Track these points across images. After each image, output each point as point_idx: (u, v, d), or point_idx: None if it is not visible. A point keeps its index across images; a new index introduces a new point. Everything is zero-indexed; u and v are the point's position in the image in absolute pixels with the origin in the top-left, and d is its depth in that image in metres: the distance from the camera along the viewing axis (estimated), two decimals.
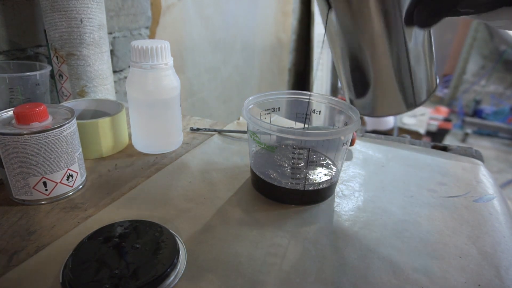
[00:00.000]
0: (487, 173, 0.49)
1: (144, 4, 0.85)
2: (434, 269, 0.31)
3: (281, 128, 0.35)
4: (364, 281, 0.30)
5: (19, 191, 0.37)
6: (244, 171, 0.46)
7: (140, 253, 0.30)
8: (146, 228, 0.33)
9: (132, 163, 0.48)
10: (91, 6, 0.53)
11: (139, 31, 0.86)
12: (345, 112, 0.41)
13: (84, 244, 0.31)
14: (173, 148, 0.52)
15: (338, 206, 0.40)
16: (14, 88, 0.51)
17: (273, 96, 0.44)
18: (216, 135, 0.57)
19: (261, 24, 1.49)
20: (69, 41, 0.53)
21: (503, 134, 2.97)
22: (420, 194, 0.43)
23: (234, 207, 0.39)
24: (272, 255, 0.32)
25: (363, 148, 0.55)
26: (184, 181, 0.44)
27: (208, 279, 0.29)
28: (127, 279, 0.27)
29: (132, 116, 0.49)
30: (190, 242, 0.33)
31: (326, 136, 0.35)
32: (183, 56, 1.05)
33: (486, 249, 0.34)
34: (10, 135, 0.34)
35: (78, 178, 0.40)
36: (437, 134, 2.57)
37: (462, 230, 0.37)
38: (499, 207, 0.41)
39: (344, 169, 0.48)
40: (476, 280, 0.30)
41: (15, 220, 0.36)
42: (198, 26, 1.09)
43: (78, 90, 0.57)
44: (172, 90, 0.47)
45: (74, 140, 0.39)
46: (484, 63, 3.32)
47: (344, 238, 0.35)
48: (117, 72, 0.83)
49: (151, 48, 0.44)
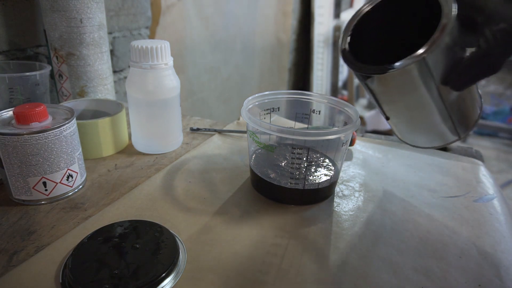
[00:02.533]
0: (487, 173, 0.49)
1: (144, 4, 0.85)
2: (434, 269, 0.31)
3: (280, 128, 0.35)
4: (364, 281, 0.30)
5: (19, 191, 0.37)
6: (244, 171, 0.46)
7: (140, 253, 0.30)
8: (146, 228, 0.33)
9: (132, 163, 0.48)
10: (91, 6, 0.53)
11: (139, 31, 0.86)
12: (345, 112, 0.41)
13: (84, 244, 0.31)
14: (173, 148, 0.52)
15: (338, 206, 0.40)
16: (14, 88, 0.51)
17: (273, 96, 0.44)
18: (216, 135, 0.57)
19: (261, 24, 1.49)
20: (69, 41, 0.53)
21: (503, 134, 2.97)
22: (420, 194, 0.43)
23: (234, 207, 0.39)
24: (272, 255, 0.32)
25: (363, 148, 0.55)
26: (184, 181, 0.44)
27: (208, 279, 0.29)
28: (127, 279, 0.27)
29: (132, 116, 0.49)
30: (190, 242, 0.33)
31: (326, 136, 0.35)
32: (183, 56, 1.05)
33: (486, 249, 0.34)
34: (10, 135, 0.34)
35: (78, 178, 0.40)
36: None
37: (462, 230, 0.37)
38: (499, 207, 0.41)
39: (344, 169, 0.48)
40: (476, 280, 0.30)
41: (15, 220, 0.36)
42: (198, 26, 1.09)
43: (78, 90, 0.57)
44: (172, 90, 0.47)
45: (74, 140, 0.39)
46: None
47: (344, 238, 0.35)
48: (117, 72, 0.83)
49: (151, 48, 0.44)
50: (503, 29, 0.27)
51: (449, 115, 0.35)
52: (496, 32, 0.28)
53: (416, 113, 0.35)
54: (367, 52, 0.34)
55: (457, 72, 0.30)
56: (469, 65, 0.30)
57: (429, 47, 0.28)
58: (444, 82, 0.31)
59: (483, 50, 0.29)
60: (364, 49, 0.34)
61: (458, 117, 0.36)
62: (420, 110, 0.35)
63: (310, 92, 0.44)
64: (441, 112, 0.34)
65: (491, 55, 0.29)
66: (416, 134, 0.40)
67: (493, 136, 3.00)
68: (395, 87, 0.32)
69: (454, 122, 0.36)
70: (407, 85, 0.31)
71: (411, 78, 0.30)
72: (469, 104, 0.36)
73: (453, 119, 0.36)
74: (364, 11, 0.34)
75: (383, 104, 0.35)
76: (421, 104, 0.33)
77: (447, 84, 0.31)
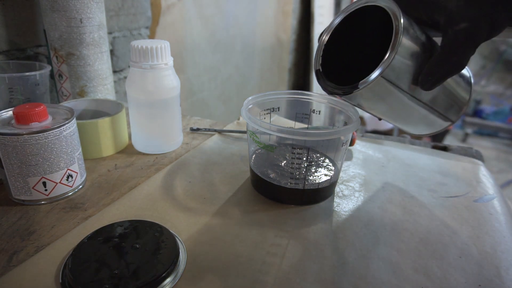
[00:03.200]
0: (487, 173, 0.49)
1: (144, 4, 0.85)
2: (434, 269, 0.31)
3: (280, 128, 0.35)
4: (364, 281, 0.30)
5: (18, 191, 0.37)
6: (244, 171, 0.46)
7: (140, 253, 0.30)
8: (146, 228, 0.33)
9: (132, 163, 0.48)
10: (91, 6, 0.53)
11: (139, 31, 0.86)
12: (344, 112, 0.41)
13: (84, 244, 0.31)
14: (173, 148, 0.52)
15: (338, 206, 0.40)
16: (13, 88, 0.51)
17: (273, 96, 0.44)
18: (216, 135, 0.57)
19: (261, 24, 1.49)
20: (68, 41, 0.53)
21: (503, 134, 2.97)
22: (420, 194, 0.43)
23: (234, 207, 0.39)
24: (272, 255, 0.32)
25: (363, 148, 0.55)
26: (184, 181, 0.44)
27: (208, 279, 0.29)
28: (127, 279, 0.27)
29: (132, 116, 0.49)
30: (190, 242, 0.33)
31: (326, 136, 0.35)
32: (183, 56, 1.05)
33: (486, 249, 0.34)
34: (10, 135, 0.34)
35: (78, 178, 0.40)
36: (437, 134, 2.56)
37: (462, 230, 0.37)
38: (499, 207, 0.41)
39: (344, 169, 0.48)
40: (476, 280, 0.30)
41: (15, 220, 0.36)
42: (198, 26, 1.09)
43: (77, 90, 0.57)
44: (172, 90, 0.47)
45: (74, 140, 0.39)
46: (484, 63, 3.32)
47: (344, 238, 0.35)
48: (117, 72, 0.83)
49: (151, 48, 0.44)
50: (464, 28, 0.28)
51: (431, 108, 0.36)
52: (458, 32, 0.29)
53: (401, 112, 0.37)
54: (340, 65, 0.36)
55: (424, 74, 0.31)
56: (435, 65, 0.30)
57: (388, 57, 0.29)
58: (414, 84, 0.32)
59: (447, 50, 0.29)
60: (338, 63, 0.36)
61: (443, 107, 0.37)
62: (403, 110, 0.36)
63: (310, 92, 0.44)
64: (423, 107, 0.36)
65: (454, 54, 0.29)
66: (410, 126, 0.41)
67: (493, 136, 3.00)
68: (371, 97, 0.33)
69: (440, 112, 0.37)
70: (381, 93, 0.32)
71: (381, 87, 0.31)
72: (452, 91, 0.37)
73: (438, 110, 0.37)
74: (333, 27, 0.36)
75: (368, 110, 0.37)
76: (401, 105, 0.35)
77: (417, 85, 0.32)
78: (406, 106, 0.35)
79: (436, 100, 0.36)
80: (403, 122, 0.40)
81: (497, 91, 3.30)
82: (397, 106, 0.35)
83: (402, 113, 0.37)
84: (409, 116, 0.37)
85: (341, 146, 0.39)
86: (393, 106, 0.35)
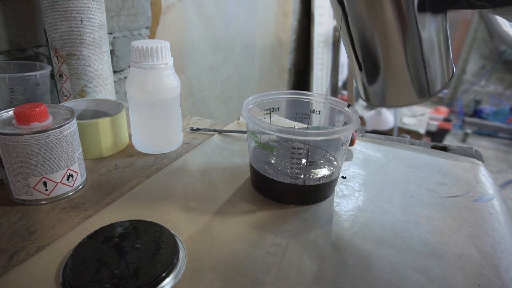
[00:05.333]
0: (487, 173, 0.49)
1: (144, 4, 0.85)
2: (434, 269, 0.31)
3: (280, 128, 0.35)
4: (364, 281, 0.30)
5: (19, 191, 0.37)
6: (244, 171, 0.46)
7: (140, 253, 0.30)
8: (146, 228, 0.33)
9: (132, 163, 0.48)
10: (91, 6, 0.53)
11: (139, 31, 0.86)
12: (345, 112, 0.41)
13: (84, 244, 0.31)
14: (173, 148, 0.52)
15: (338, 206, 0.40)
16: (14, 88, 0.51)
17: (273, 96, 0.44)
18: (216, 135, 0.57)
19: (261, 24, 1.49)
20: (69, 41, 0.53)
21: (503, 134, 2.97)
22: (420, 194, 0.43)
23: (234, 207, 0.39)
24: (271, 255, 0.32)
25: (363, 148, 0.55)
26: (184, 181, 0.44)
27: (208, 279, 0.29)
28: (127, 279, 0.27)
29: (132, 116, 0.49)
30: (190, 242, 0.33)
31: (326, 136, 0.35)
32: (183, 56, 1.05)
33: (486, 249, 0.34)
34: (11, 135, 0.34)
35: (78, 178, 0.40)
36: (437, 134, 2.57)
37: (462, 230, 0.37)
38: (499, 207, 0.41)
39: (344, 169, 0.48)
40: (476, 280, 0.30)
41: (15, 220, 0.36)
42: (198, 26, 1.09)
43: (78, 90, 0.57)
44: (172, 90, 0.47)
45: (74, 140, 0.39)
46: (484, 63, 3.32)
47: (344, 238, 0.35)
48: (117, 72, 0.83)
49: (151, 48, 0.44)
50: None
51: (422, 59, 0.34)
52: None
53: (390, 49, 0.34)
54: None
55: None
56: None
57: None
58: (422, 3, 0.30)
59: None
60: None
61: (432, 67, 0.35)
62: (395, 46, 0.33)
63: (310, 92, 0.45)
64: (414, 50, 0.34)
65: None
66: (387, 86, 0.37)
67: (493, 136, 3.00)
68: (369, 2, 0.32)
69: (426, 71, 0.35)
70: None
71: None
72: (444, 56, 0.35)
73: (425, 67, 0.35)
74: None
75: (358, 40, 0.34)
76: (394, 31, 0.32)
77: (424, 2, 0.30)
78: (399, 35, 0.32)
79: (431, 50, 0.34)
80: (383, 76, 0.36)
81: (497, 91, 3.30)
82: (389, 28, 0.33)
83: (391, 51, 0.34)
84: (396, 61, 0.34)
85: (341, 146, 0.39)
86: (379, 25, 0.33)
